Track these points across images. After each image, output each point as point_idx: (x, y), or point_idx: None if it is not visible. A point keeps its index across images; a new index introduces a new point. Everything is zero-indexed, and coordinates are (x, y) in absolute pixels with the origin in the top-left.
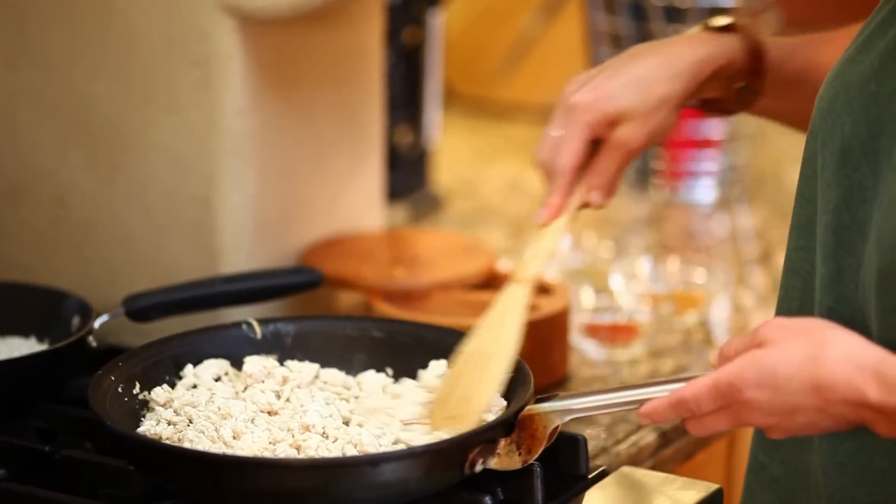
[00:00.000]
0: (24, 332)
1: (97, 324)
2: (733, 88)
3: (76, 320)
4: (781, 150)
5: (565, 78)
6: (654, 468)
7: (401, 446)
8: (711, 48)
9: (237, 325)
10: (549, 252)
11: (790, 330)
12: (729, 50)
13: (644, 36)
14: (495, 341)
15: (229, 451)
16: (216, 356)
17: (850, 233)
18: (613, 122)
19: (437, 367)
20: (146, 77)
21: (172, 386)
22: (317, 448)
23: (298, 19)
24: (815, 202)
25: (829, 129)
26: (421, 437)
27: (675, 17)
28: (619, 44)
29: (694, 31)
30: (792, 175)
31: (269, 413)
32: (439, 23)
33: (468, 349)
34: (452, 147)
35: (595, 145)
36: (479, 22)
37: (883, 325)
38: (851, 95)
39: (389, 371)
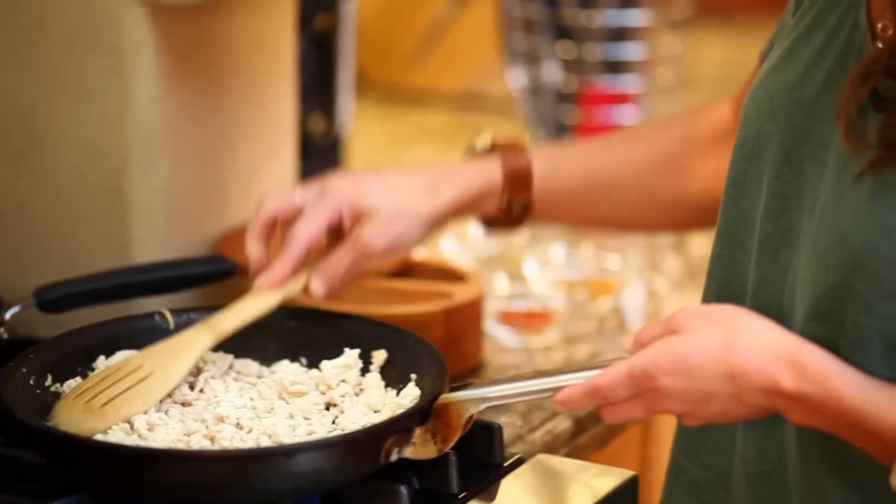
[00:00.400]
0: None
1: (8, 315)
2: (500, 207)
3: None
4: None
5: (478, 64)
6: (569, 455)
7: (315, 437)
8: (467, 176)
9: (150, 315)
10: (251, 318)
11: (705, 317)
12: (485, 175)
13: (557, 22)
14: (161, 366)
15: (143, 444)
16: (129, 347)
17: (772, 241)
18: (358, 217)
19: (350, 354)
20: (56, 65)
21: (84, 377)
22: (231, 439)
23: (210, 6)
24: (735, 210)
25: (755, 138)
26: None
27: (587, 3)
28: (532, 30)
29: (462, 156)
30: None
31: (182, 404)
32: (352, 8)
33: (134, 358)
34: (365, 134)
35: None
36: (392, 7)
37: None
38: (776, 104)
39: (304, 360)
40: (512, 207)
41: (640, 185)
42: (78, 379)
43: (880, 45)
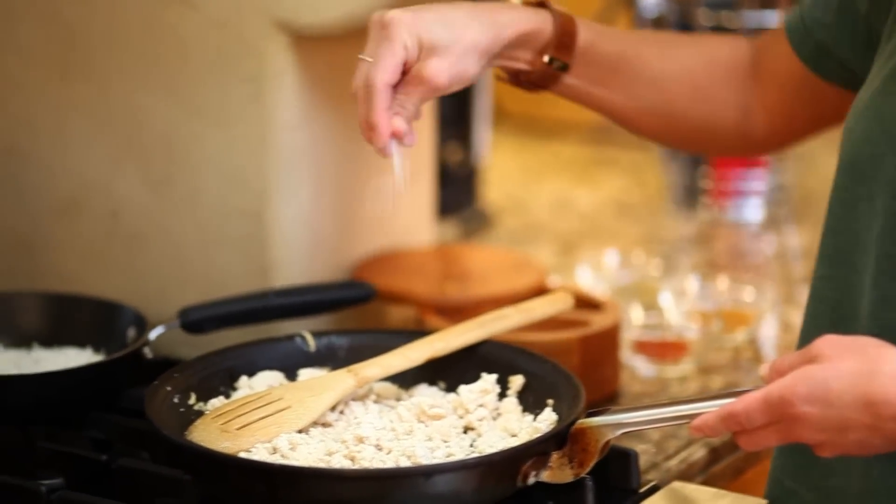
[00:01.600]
0: (80, 343)
1: (153, 335)
2: (540, 60)
3: (131, 332)
4: (829, 170)
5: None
6: (704, 484)
7: (454, 459)
8: (520, 14)
9: (291, 337)
10: (395, 371)
11: (844, 346)
12: (538, 20)
13: None
14: (300, 401)
15: (286, 462)
16: (270, 368)
17: (892, 260)
18: (422, 51)
19: (488, 379)
20: (198, 92)
21: (227, 397)
22: (371, 459)
23: (350, 35)
24: (847, 232)
25: (867, 160)
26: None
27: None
28: None
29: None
30: None
31: (323, 425)
32: None
33: (277, 389)
34: (501, 165)
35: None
36: None
37: None
38: (887, 126)
39: (442, 384)
40: (551, 63)
41: (659, 92)
42: (221, 398)
43: None
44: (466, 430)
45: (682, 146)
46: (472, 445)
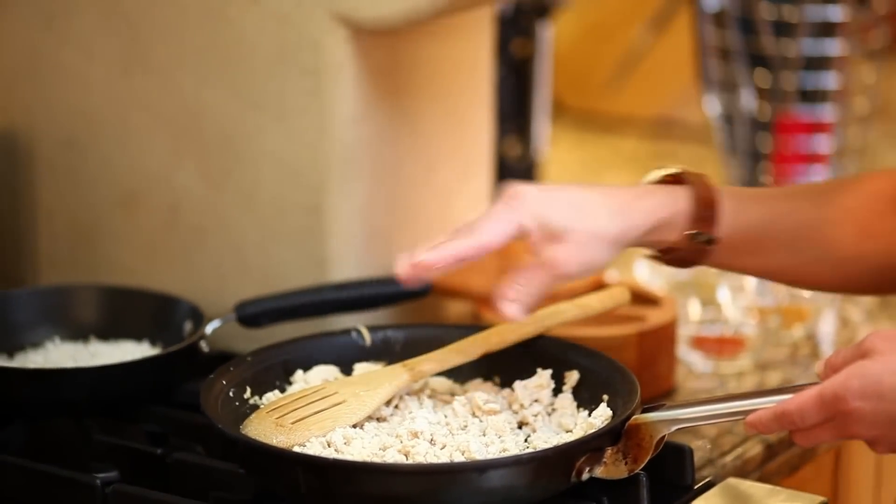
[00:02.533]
0: (136, 336)
1: (209, 329)
2: (684, 238)
3: (188, 325)
4: (891, 164)
5: (674, 91)
6: (759, 481)
7: (508, 454)
8: (656, 200)
9: (347, 331)
10: (450, 366)
11: None
12: (674, 202)
13: (753, 50)
14: (355, 396)
15: (340, 457)
16: (326, 362)
17: None
18: (547, 234)
19: (543, 375)
20: (257, 86)
21: (282, 391)
22: (425, 454)
23: (409, 30)
24: None
25: None
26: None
27: (785, 31)
28: (728, 57)
29: (645, 181)
30: None
31: (378, 420)
32: (549, 35)
33: (332, 383)
34: (560, 159)
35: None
36: (589, 35)
37: None
38: None
39: (497, 379)
40: (695, 239)
41: (821, 237)
42: (276, 392)
43: None
44: (521, 425)
45: (867, 288)
46: (526, 441)
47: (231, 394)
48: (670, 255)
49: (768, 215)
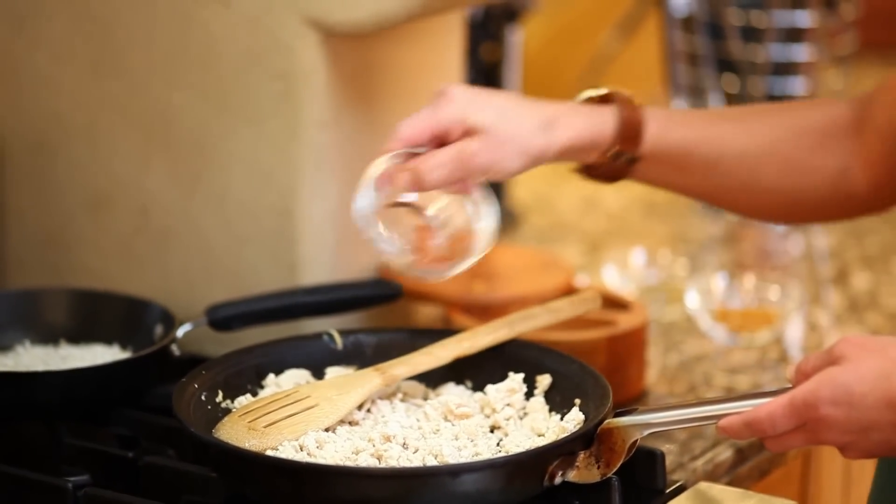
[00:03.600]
0: (107, 340)
1: (180, 332)
2: (605, 156)
3: (159, 329)
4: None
5: (642, 96)
6: (730, 484)
7: (481, 458)
8: (580, 120)
9: (318, 335)
10: (422, 370)
11: (866, 347)
12: (598, 122)
13: (721, 55)
14: (327, 400)
15: (312, 460)
16: (297, 366)
17: None
18: (467, 131)
19: (515, 379)
20: (228, 89)
21: (254, 395)
22: (398, 458)
23: (380, 34)
24: None
25: None
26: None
27: (753, 36)
28: (696, 63)
29: (577, 100)
30: None
31: (350, 424)
32: (518, 39)
33: (304, 387)
34: None
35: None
36: (557, 39)
37: None
38: None
39: (469, 383)
40: (618, 158)
41: (745, 169)
42: (248, 396)
43: None
44: (493, 429)
45: (778, 219)
46: (498, 445)
47: (203, 397)
48: (593, 172)
49: (692, 138)
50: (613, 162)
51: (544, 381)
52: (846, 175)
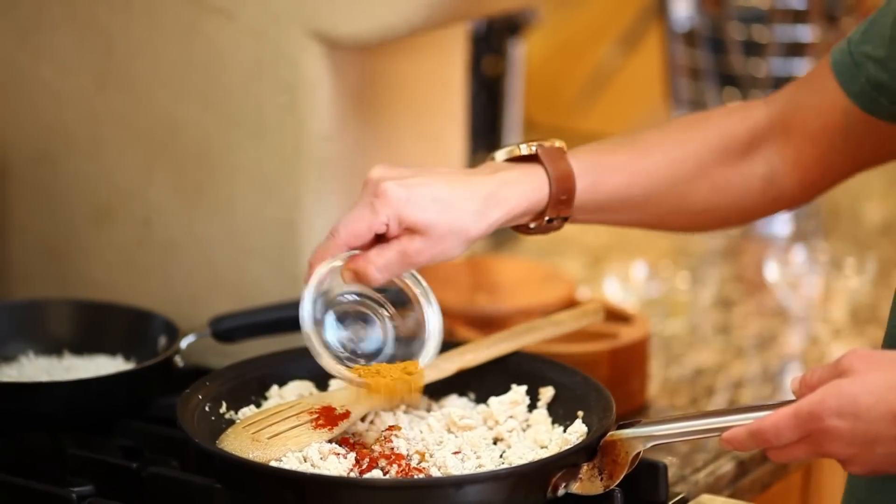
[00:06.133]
0: (110, 351)
1: (184, 344)
2: (541, 220)
3: (162, 340)
4: (858, 185)
5: (644, 110)
6: (732, 497)
7: (484, 470)
8: (520, 190)
9: None
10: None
11: (873, 360)
12: (534, 188)
13: (722, 70)
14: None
15: (316, 472)
16: (301, 378)
17: None
18: (409, 229)
19: (518, 391)
20: (232, 101)
21: (258, 406)
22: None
23: (384, 47)
24: None
25: None
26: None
27: (754, 50)
28: (698, 76)
29: (501, 157)
30: (868, 209)
31: (353, 435)
32: (520, 53)
33: (307, 399)
34: None
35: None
36: (559, 53)
37: None
38: None
39: (472, 395)
40: (552, 222)
41: (674, 195)
42: (252, 407)
43: None
44: (496, 441)
45: (714, 228)
46: (501, 457)
47: (207, 408)
48: (526, 230)
49: (624, 183)
50: (548, 224)
51: (547, 393)
52: (773, 179)
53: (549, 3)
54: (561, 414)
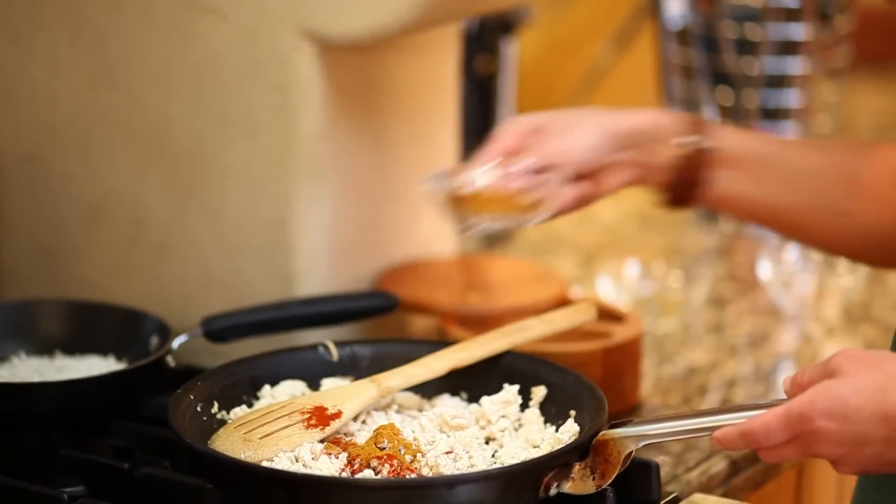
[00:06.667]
0: (102, 351)
1: (176, 344)
2: (677, 145)
3: (154, 340)
4: None
5: (637, 108)
6: (724, 496)
7: (476, 469)
8: (640, 113)
9: (314, 347)
10: (418, 381)
11: (863, 361)
12: (656, 116)
13: (715, 68)
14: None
15: (308, 472)
16: (293, 377)
17: None
18: (553, 132)
19: (510, 390)
20: (224, 101)
21: (250, 406)
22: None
23: (376, 47)
24: None
25: None
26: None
27: (747, 48)
28: (690, 75)
29: None
30: None
31: (345, 435)
32: (512, 52)
33: (299, 398)
34: None
35: None
36: (552, 52)
37: None
38: None
39: (464, 394)
40: (688, 146)
41: (817, 187)
42: (244, 407)
43: None
44: (488, 440)
45: (857, 256)
46: (493, 456)
47: (199, 408)
48: (671, 194)
49: (766, 149)
50: (686, 160)
51: (539, 392)
52: None
53: (542, 1)
54: (553, 413)
